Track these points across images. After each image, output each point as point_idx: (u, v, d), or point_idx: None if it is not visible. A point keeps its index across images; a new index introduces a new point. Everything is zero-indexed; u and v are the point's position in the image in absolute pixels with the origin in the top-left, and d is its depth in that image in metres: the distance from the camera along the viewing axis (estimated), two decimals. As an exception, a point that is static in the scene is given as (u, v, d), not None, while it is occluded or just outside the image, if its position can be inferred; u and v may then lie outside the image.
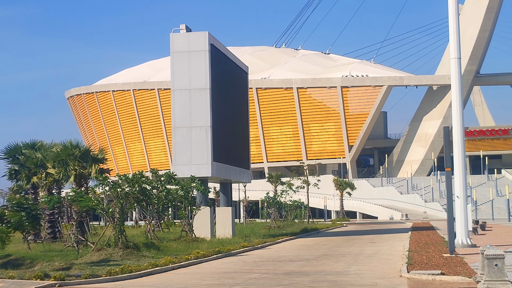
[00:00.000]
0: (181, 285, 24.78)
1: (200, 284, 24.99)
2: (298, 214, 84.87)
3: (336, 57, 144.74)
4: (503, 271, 20.60)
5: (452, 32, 40.21)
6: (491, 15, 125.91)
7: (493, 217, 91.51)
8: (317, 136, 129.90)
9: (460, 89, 39.71)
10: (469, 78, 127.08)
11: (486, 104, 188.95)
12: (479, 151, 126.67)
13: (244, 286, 24.23)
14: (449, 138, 35.82)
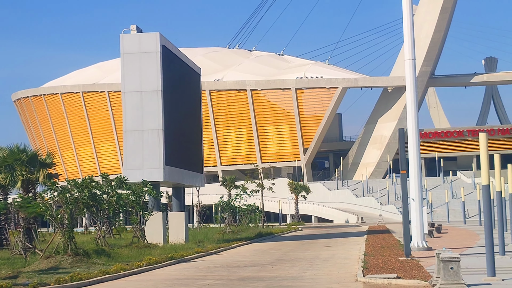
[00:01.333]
0: (131, 294, 24.21)
1: (151, 292, 24.44)
2: (253, 218, 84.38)
3: (291, 59, 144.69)
4: (458, 274, 20.44)
5: (406, 33, 39.96)
6: (446, 16, 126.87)
7: (448, 219, 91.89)
8: (272, 139, 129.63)
9: (415, 91, 39.43)
10: (424, 80, 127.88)
11: (441, 106, 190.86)
12: (434, 153, 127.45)
13: (197, 293, 23.71)
14: (404, 140, 35.49)
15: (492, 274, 23.67)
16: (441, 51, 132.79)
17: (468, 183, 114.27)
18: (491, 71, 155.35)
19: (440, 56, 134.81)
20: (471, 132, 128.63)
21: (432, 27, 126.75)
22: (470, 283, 21.78)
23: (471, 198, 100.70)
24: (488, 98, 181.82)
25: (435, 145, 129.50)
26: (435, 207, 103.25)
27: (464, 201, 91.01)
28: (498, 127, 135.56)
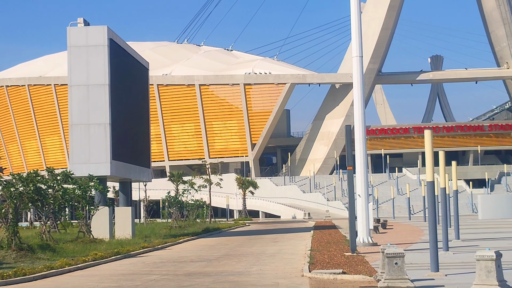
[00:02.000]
0: (77, 289, 23.93)
1: (98, 287, 24.22)
2: (200, 213, 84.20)
3: (239, 54, 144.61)
4: (403, 269, 20.64)
5: (354, 31, 40.24)
6: (393, 14, 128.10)
7: (394, 215, 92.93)
8: (220, 134, 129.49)
9: (362, 88, 39.75)
10: (371, 77, 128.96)
11: (387, 103, 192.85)
12: (380, 150, 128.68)
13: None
14: (351, 137, 35.74)
15: (435, 269, 23.99)
16: (388, 49, 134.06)
17: (413, 180, 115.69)
18: (437, 69, 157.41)
19: (387, 54, 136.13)
20: (416, 129, 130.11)
21: (380, 24, 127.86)
22: (414, 278, 22.04)
23: (416, 194, 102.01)
24: (433, 95, 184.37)
25: (381, 141, 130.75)
26: (381, 203, 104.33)
27: (409, 197, 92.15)
28: (443, 124, 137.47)
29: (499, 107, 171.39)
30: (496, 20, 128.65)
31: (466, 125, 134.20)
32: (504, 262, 20.26)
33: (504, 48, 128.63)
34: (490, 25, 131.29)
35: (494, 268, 17.79)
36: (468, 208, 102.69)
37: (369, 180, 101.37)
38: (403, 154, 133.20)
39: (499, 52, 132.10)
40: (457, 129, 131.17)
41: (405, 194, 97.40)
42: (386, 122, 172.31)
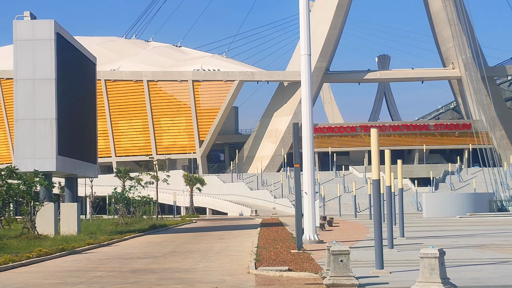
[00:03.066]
0: (21, 285, 23.53)
1: (42, 283, 23.86)
2: (147, 210, 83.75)
3: (188, 50, 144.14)
4: (348, 266, 20.77)
5: (302, 29, 40.38)
6: (341, 13, 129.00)
7: (340, 213, 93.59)
8: (168, 131, 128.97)
9: (309, 86, 39.91)
10: (319, 75, 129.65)
11: (335, 101, 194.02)
12: (327, 148, 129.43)
13: (88, 285, 23.29)
14: (299, 135, 35.89)
15: (380, 267, 24.22)
16: (336, 47, 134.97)
17: (359, 178, 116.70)
18: (384, 69, 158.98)
19: (335, 52, 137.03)
20: (363, 127, 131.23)
21: (328, 23, 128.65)
22: (359, 275, 22.22)
23: (363, 192, 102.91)
24: (380, 94, 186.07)
25: (328, 139, 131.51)
26: (327, 200, 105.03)
27: (356, 195, 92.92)
28: (390, 123, 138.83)
29: (444, 106, 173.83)
30: (442, 21, 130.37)
31: (412, 124, 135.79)
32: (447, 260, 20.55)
33: (450, 49, 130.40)
34: (437, 26, 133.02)
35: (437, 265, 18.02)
36: (413, 206, 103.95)
37: (316, 177, 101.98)
38: (350, 152, 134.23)
39: (445, 53, 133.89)
40: (403, 128, 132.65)
41: (352, 192, 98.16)
42: (333, 121, 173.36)
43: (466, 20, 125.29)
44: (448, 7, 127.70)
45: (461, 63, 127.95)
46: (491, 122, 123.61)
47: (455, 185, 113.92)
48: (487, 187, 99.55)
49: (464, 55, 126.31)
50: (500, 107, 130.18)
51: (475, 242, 38.19)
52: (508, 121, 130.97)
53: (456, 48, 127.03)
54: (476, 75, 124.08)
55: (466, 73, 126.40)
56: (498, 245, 36.30)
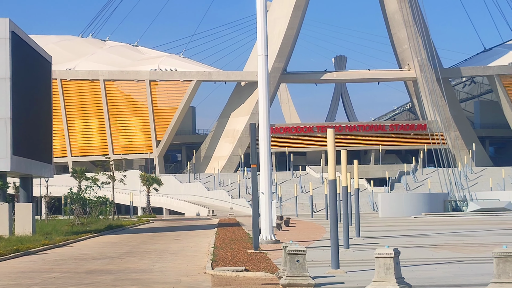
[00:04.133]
0: (-28, 287, 23.31)
1: (-6, 285, 23.63)
2: (103, 210, 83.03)
3: (145, 50, 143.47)
4: (304, 266, 20.87)
5: (259, 29, 40.45)
6: (298, 14, 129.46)
7: (297, 213, 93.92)
8: (124, 131, 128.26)
9: (267, 86, 39.99)
10: (276, 75, 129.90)
11: (292, 102, 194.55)
12: (285, 148, 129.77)
13: (43, 286, 23.10)
14: (256, 135, 35.96)
15: (336, 266, 24.38)
16: (293, 48, 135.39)
17: (316, 178, 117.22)
18: (340, 69, 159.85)
19: (293, 53, 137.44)
20: (320, 128, 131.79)
21: (285, 24, 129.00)
22: (315, 275, 22.33)
23: (319, 192, 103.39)
24: (337, 95, 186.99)
25: (285, 140, 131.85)
26: (284, 200, 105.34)
27: (312, 195, 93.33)
28: (346, 123, 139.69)
29: (400, 107, 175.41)
30: (398, 23, 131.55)
31: (368, 124, 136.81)
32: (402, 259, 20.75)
33: (406, 50, 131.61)
34: (393, 27, 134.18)
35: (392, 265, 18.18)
36: (369, 206, 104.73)
37: (273, 178, 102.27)
38: (307, 153, 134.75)
39: (400, 54, 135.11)
40: (359, 128, 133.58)
41: (308, 192, 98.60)
42: (290, 121, 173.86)
43: (421, 22, 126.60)
44: (404, 9, 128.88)
45: (416, 65, 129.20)
46: (446, 123, 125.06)
47: (411, 185, 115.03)
48: (442, 187, 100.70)
49: (419, 57, 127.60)
50: (454, 108, 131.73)
51: (429, 242, 38.63)
52: (462, 122, 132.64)
53: (412, 50, 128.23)
54: (431, 76, 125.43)
55: (422, 74, 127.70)
56: (452, 244, 36.76)
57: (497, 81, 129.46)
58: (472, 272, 23.96)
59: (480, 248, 33.98)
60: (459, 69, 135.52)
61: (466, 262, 27.35)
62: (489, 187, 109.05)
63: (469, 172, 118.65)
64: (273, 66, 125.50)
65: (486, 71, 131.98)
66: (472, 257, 29.58)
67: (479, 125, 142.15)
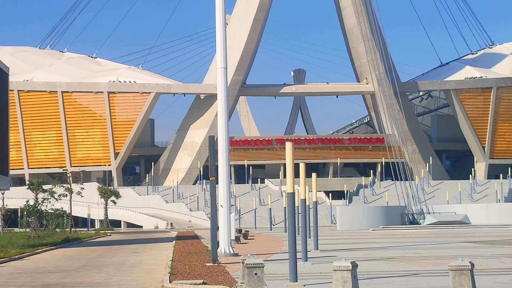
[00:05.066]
0: None
1: None
2: (60, 223, 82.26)
3: (104, 62, 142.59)
4: (262, 279, 20.93)
5: (219, 42, 40.53)
6: (258, 27, 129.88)
7: (255, 226, 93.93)
8: (82, 143, 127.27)
9: (226, 99, 40.04)
10: (236, 88, 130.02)
11: (251, 115, 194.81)
12: (244, 161, 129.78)
13: (-3, 301, 22.86)
14: (214, 147, 35.96)
15: (294, 279, 24.43)
16: (253, 61, 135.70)
17: (275, 191, 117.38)
18: (299, 83, 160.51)
19: (252, 66, 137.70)
20: (279, 141, 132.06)
21: (245, 37, 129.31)
22: (273, 288, 22.36)
23: (278, 205, 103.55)
24: (296, 108, 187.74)
25: (244, 152, 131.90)
26: (243, 213, 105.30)
27: (271, 208, 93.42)
28: (305, 136, 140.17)
29: (358, 121, 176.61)
30: (356, 37, 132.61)
31: (327, 138, 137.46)
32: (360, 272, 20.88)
33: (364, 64, 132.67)
34: (351, 41, 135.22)
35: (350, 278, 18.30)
36: (327, 219, 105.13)
37: (232, 190, 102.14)
38: (266, 166, 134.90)
39: (359, 68, 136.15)
40: (318, 141, 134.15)
41: (267, 205, 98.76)
42: (249, 134, 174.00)
43: (379, 36, 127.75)
44: (362, 23, 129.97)
45: (374, 79, 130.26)
46: (403, 136, 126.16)
47: (368, 198, 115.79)
48: (399, 200, 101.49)
49: (377, 71, 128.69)
50: (412, 122, 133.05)
51: (387, 255, 38.90)
52: (419, 136, 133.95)
53: (370, 64, 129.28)
54: (389, 90, 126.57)
55: (379, 88, 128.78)
56: (409, 257, 37.06)
57: (453, 95, 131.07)
58: (428, 285, 24.18)
59: (436, 261, 34.30)
60: (416, 84, 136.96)
61: (423, 275, 27.59)
62: (445, 200, 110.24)
63: (426, 185, 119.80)
64: (232, 79, 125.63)
65: (443, 85, 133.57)
66: (429, 270, 29.85)
67: (436, 139, 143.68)
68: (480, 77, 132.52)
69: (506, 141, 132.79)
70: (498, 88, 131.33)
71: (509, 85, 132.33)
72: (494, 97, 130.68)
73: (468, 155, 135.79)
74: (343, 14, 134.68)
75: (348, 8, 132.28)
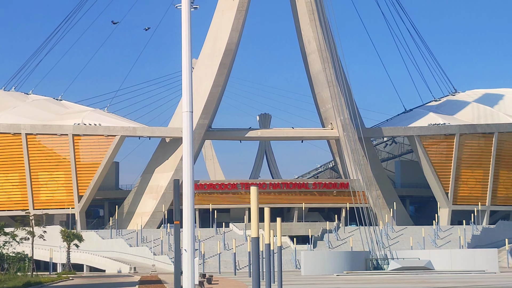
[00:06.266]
0: None
1: None
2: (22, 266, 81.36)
3: (69, 104, 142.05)
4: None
5: (185, 86, 40.62)
6: (224, 71, 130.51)
7: (220, 270, 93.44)
8: (46, 185, 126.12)
9: (191, 143, 40.05)
10: (201, 132, 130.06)
11: (217, 158, 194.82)
12: (208, 205, 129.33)
13: None
14: (179, 191, 35.89)
15: (258, 324, 24.33)
16: (218, 105, 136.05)
17: (240, 235, 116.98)
18: (265, 127, 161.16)
19: (218, 110, 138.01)
20: (244, 185, 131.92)
21: (211, 81, 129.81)
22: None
23: (243, 250, 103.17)
24: (261, 152, 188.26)
25: (209, 196, 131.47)
26: (207, 257, 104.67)
27: (236, 253, 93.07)
28: (270, 181, 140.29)
29: (323, 165, 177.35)
30: (321, 82, 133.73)
31: (292, 182, 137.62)
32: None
33: (329, 110, 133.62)
34: (316, 86, 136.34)
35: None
36: (292, 264, 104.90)
37: (196, 234, 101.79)
38: (231, 210, 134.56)
39: (324, 113, 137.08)
40: (283, 186, 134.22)
41: (232, 249, 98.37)
42: (214, 177, 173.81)
43: (344, 82, 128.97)
44: (327, 69, 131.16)
45: (339, 124, 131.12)
46: (368, 182, 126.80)
47: (333, 243, 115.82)
48: (364, 245, 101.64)
49: (342, 116, 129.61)
50: (376, 167, 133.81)
51: (351, 300, 38.86)
52: (383, 181, 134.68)
53: (335, 109, 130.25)
54: (354, 135, 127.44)
55: (344, 133, 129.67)
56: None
57: (417, 141, 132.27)
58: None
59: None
60: (380, 129, 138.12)
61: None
62: (409, 245, 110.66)
63: (390, 230, 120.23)
64: (198, 122, 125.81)
65: (407, 131, 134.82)
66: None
67: (400, 185, 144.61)
68: (443, 123, 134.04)
69: (469, 187, 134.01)
70: (461, 135, 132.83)
71: (471, 132, 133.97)
72: (457, 144, 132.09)
73: (432, 201, 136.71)
74: (309, 60, 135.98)
75: (314, 54, 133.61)
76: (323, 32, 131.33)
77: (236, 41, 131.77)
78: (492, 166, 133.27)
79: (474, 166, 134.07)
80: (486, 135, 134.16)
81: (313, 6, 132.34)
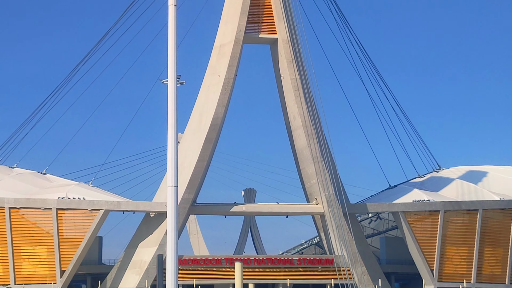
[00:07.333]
0: None
1: None
2: None
3: (53, 178, 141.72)
4: None
5: (170, 161, 40.84)
6: (209, 146, 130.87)
7: None
8: (28, 260, 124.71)
9: (175, 217, 40.03)
10: (186, 207, 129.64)
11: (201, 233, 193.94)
12: (192, 280, 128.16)
13: None
14: (163, 266, 35.70)
15: None
16: (203, 180, 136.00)
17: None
18: (250, 202, 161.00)
19: (203, 184, 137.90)
20: (228, 260, 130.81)
21: (196, 156, 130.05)
22: None
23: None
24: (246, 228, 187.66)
25: (193, 272, 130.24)
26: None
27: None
28: (254, 256, 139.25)
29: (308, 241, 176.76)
30: (306, 158, 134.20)
31: (276, 258, 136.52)
32: None
33: (314, 185, 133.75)
34: (301, 162, 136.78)
35: None
36: None
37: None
38: (215, 285, 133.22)
39: (309, 189, 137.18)
40: (268, 261, 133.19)
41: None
42: (199, 252, 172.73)
43: (329, 158, 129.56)
44: (312, 145, 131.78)
45: (324, 199, 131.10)
46: (353, 258, 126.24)
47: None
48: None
49: (327, 192, 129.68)
50: (361, 243, 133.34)
51: None
52: (368, 258, 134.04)
53: (320, 185, 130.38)
54: (339, 211, 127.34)
55: (329, 209, 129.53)
56: None
57: (402, 217, 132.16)
58: None
59: None
60: (365, 205, 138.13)
61: None
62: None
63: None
64: (182, 197, 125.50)
65: (392, 207, 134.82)
66: None
67: (385, 261, 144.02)
68: (428, 200, 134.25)
69: (454, 264, 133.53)
70: (446, 211, 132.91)
71: (456, 209, 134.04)
72: (442, 220, 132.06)
73: (417, 277, 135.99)
74: (294, 135, 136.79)
75: (299, 130, 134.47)
76: (308, 108, 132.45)
77: (222, 116, 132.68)
78: (477, 243, 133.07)
79: (459, 243, 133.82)
80: (470, 212, 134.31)
81: (298, 83, 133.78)
